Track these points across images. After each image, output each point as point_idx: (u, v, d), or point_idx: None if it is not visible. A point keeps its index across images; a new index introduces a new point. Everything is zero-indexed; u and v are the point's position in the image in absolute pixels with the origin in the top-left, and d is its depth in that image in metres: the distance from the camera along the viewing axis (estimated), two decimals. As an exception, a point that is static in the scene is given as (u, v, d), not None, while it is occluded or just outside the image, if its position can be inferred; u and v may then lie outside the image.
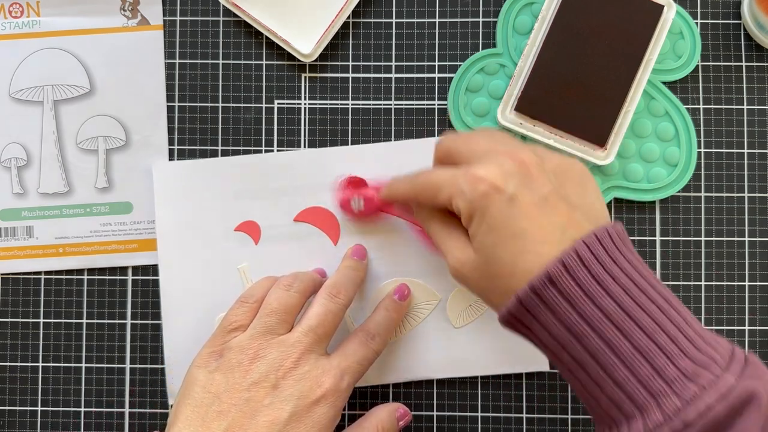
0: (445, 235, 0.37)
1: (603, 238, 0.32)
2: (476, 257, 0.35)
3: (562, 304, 0.32)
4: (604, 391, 0.32)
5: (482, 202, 0.34)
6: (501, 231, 0.33)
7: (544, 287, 0.32)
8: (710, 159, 0.47)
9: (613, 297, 0.31)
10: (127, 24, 0.48)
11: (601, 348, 0.31)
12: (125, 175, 0.48)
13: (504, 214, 0.33)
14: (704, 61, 0.47)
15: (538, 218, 0.33)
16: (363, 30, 0.48)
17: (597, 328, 0.31)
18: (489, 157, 0.35)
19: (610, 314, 0.31)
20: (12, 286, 0.48)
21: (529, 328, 0.34)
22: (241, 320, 0.41)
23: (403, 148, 0.47)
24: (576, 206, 0.34)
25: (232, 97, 0.48)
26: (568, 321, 0.32)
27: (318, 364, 0.39)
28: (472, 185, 0.34)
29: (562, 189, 0.34)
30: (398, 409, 0.43)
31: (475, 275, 0.35)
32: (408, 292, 0.45)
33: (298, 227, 0.47)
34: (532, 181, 0.34)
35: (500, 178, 0.34)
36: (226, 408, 0.37)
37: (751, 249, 0.47)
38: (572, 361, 0.32)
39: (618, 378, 0.31)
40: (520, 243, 0.33)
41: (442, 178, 0.36)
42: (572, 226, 0.33)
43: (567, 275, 0.31)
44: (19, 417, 0.47)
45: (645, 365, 0.31)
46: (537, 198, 0.33)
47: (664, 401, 0.30)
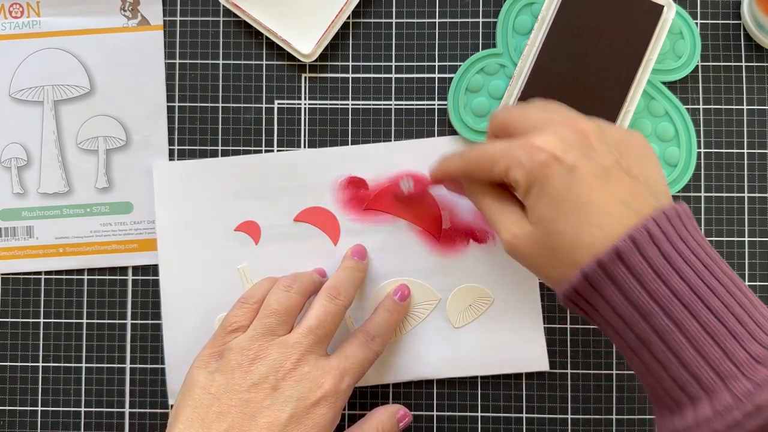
0: (498, 210, 0.36)
1: (672, 216, 0.32)
2: (534, 230, 0.34)
3: (630, 281, 0.31)
4: (669, 371, 0.31)
5: (542, 172, 0.33)
6: (562, 202, 0.32)
7: (613, 263, 0.31)
8: (710, 159, 0.47)
9: (682, 276, 0.31)
10: (127, 24, 0.48)
11: (669, 327, 0.30)
12: (125, 175, 0.48)
13: (565, 184, 0.32)
14: (704, 61, 0.47)
15: (600, 189, 0.32)
16: (363, 30, 0.48)
17: (665, 307, 0.30)
18: (547, 127, 0.34)
19: (678, 293, 0.30)
20: (12, 286, 0.48)
21: (593, 305, 0.33)
22: (241, 321, 0.41)
23: (403, 148, 0.47)
24: (638, 179, 0.33)
25: (232, 97, 0.48)
26: (635, 298, 0.31)
27: (318, 365, 0.39)
28: (531, 155, 0.33)
29: (623, 161, 0.33)
30: (399, 411, 0.43)
31: (533, 250, 0.34)
32: (408, 292, 0.45)
33: (298, 227, 0.47)
34: (593, 151, 0.33)
35: (560, 148, 0.33)
36: (226, 409, 0.37)
37: (751, 249, 0.47)
38: (636, 341, 0.32)
39: (685, 359, 0.30)
40: (583, 214, 0.32)
41: (498, 150, 0.35)
42: (635, 199, 0.32)
43: (637, 252, 0.31)
44: (19, 417, 0.47)
45: (713, 346, 0.30)
46: (598, 168, 0.32)
47: (733, 384, 0.29)
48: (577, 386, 0.46)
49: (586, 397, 0.46)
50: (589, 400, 0.46)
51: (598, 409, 0.46)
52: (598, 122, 0.35)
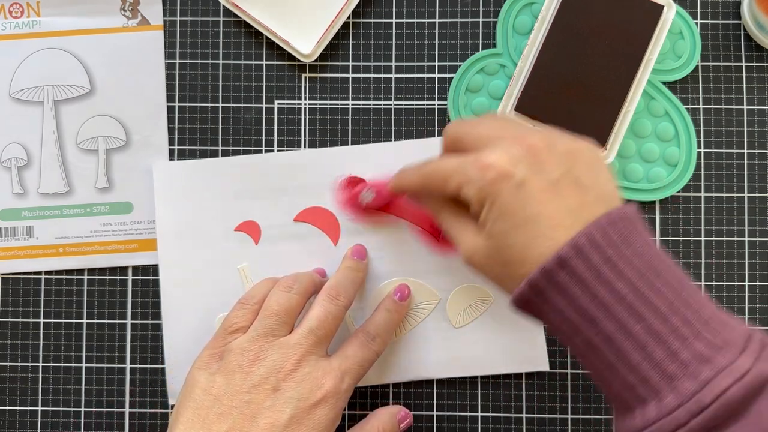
0: (455, 224, 0.37)
1: (615, 220, 0.32)
2: (488, 244, 0.34)
3: (573, 287, 0.31)
4: (618, 374, 0.31)
5: (491, 188, 0.33)
6: (512, 217, 0.33)
7: (556, 270, 0.31)
8: (710, 159, 0.47)
9: (625, 280, 0.31)
10: (128, 24, 0.48)
11: (614, 331, 0.31)
12: (125, 175, 0.48)
13: (514, 199, 0.33)
14: (704, 61, 0.47)
15: (549, 202, 0.33)
16: (363, 30, 0.48)
17: (609, 312, 0.31)
18: (497, 143, 0.34)
19: (622, 297, 0.31)
20: (12, 286, 0.48)
21: (541, 311, 0.33)
22: (242, 322, 0.41)
23: (403, 148, 0.47)
24: (588, 189, 0.33)
25: (232, 97, 0.48)
26: (580, 304, 0.31)
27: (318, 366, 0.39)
28: (481, 172, 0.34)
29: (572, 172, 0.34)
30: (399, 412, 0.43)
31: (488, 263, 0.35)
32: (408, 292, 0.45)
33: (298, 227, 0.47)
34: (542, 166, 0.33)
35: (509, 164, 0.33)
36: (227, 410, 0.37)
37: (751, 249, 0.47)
38: (585, 345, 0.32)
39: (631, 361, 0.31)
40: (532, 228, 0.32)
41: (451, 167, 0.35)
42: (584, 209, 0.33)
43: (578, 258, 0.31)
44: (19, 417, 0.47)
45: (658, 348, 0.30)
46: (547, 182, 0.33)
47: (678, 384, 0.30)
48: (577, 386, 0.46)
49: (586, 397, 0.46)
50: (589, 400, 0.46)
51: (598, 409, 0.46)
52: (547, 135, 0.35)
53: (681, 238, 0.47)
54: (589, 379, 0.46)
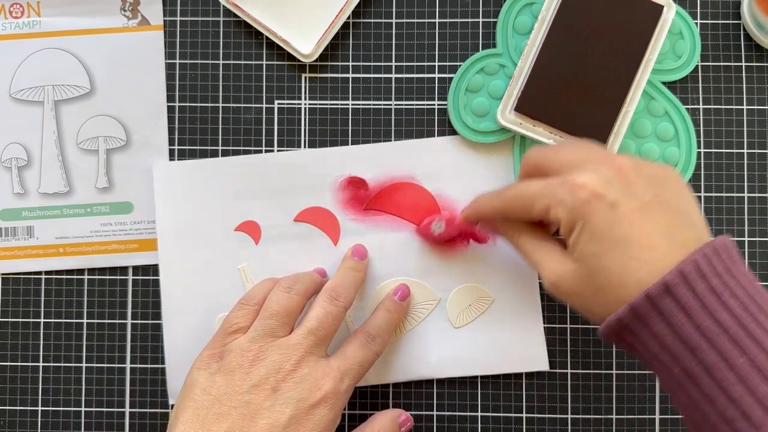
0: (537, 248, 0.37)
1: (719, 249, 0.32)
2: (577, 268, 0.34)
3: (677, 314, 0.31)
4: (716, 407, 0.30)
5: (584, 209, 0.33)
6: (605, 239, 0.33)
7: (661, 296, 0.31)
8: (710, 159, 0.47)
9: (729, 310, 0.30)
10: (128, 24, 0.48)
11: (716, 362, 0.30)
12: (125, 175, 0.48)
13: (607, 221, 0.33)
14: (704, 62, 0.47)
15: (643, 224, 0.32)
16: (363, 30, 0.48)
17: (713, 342, 0.30)
18: (585, 166, 0.34)
19: (727, 328, 0.30)
20: (12, 286, 0.48)
21: (640, 339, 0.32)
22: (242, 322, 0.41)
23: (403, 148, 0.47)
24: (677, 212, 0.33)
25: (232, 97, 0.48)
26: (682, 333, 0.31)
27: (318, 367, 0.39)
28: (573, 193, 0.33)
29: (662, 195, 0.34)
30: (401, 416, 0.43)
31: (577, 288, 0.34)
32: (408, 292, 0.45)
33: (298, 227, 0.47)
34: (633, 187, 0.33)
35: (600, 185, 0.33)
36: (227, 410, 0.37)
37: (751, 249, 0.47)
38: (683, 375, 0.31)
39: (733, 394, 0.30)
40: (627, 250, 0.32)
41: (537, 189, 0.35)
42: (678, 233, 0.32)
43: (685, 285, 0.31)
44: (20, 417, 0.47)
45: (762, 383, 0.30)
46: (639, 204, 0.33)
47: None
48: (577, 386, 0.46)
49: (586, 397, 0.46)
50: (589, 400, 0.46)
51: (598, 409, 0.46)
52: (634, 158, 0.35)
53: (681, 238, 0.47)
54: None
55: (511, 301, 0.46)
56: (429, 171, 0.46)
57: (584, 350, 0.46)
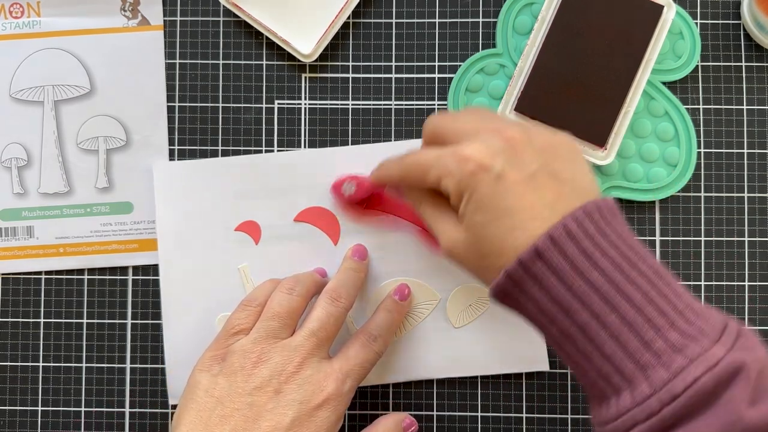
0: (436, 216, 0.37)
1: (591, 211, 0.32)
2: (467, 237, 0.35)
3: (550, 277, 0.32)
4: (593, 363, 0.32)
5: (470, 181, 0.34)
6: (490, 209, 0.33)
7: (532, 261, 0.32)
8: (710, 159, 0.47)
9: (600, 270, 0.31)
10: (128, 24, 0.48)
11: (589, 321, 0.31)
12: (125, 175, 0.48)
13: (492, 192, 0.33)
14: (704, 62, 0.47)
15: (527, 195, 0.33)
16: (363, 30, 0.48)
17: (585, 302, 0.31)
18: (476, 136, 0.35)
19: (598, 288, 0.31)
20: (12, 286, 0.48)
21: (518, 302, 0.34)
22: (244, 324, 0.41)
23: (402, 148, 0.47)
24: (565, 182, 0.34)
25: (233, 97, 0.48)
26: (556, 294, 0.32)
27: (320, 368, 0.39)
28: (460, 165, 0.34)
29: (550, 165, 0.34)
30: (405, 419, 0.43)
31: (467, 254, 0.35)
32: (408, 292, 0.45)
33: (298, 227, 0.47)
34: (520, 158, 0.34)
35: (487, 157, 0.34)
36: (229, 412, 0.37)
37: (751, 249, 0.47)
38: (561, 335, 0.33)
39: (606, 351, 0.31)
40: (510, 220, 0.33)
41: (430, 159, 0.36)
42: (561, 202, 0.33)
43: (555, 249, 0.31)
44: (20, 417, 0.47)
45: (632, 338, 0.31)
46: (525, 175, 0.33)
47: (651, 373, 0.30)
48: (577, 386, 0.46)
49: (586, 397, 0.46)
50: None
51: (598, 409, 0.46)
52: (526, 128, 0.35)
53: (681, 238, 0.47)
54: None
55: (511, 301, 0.46)
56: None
57: (584, 350, 0.46)
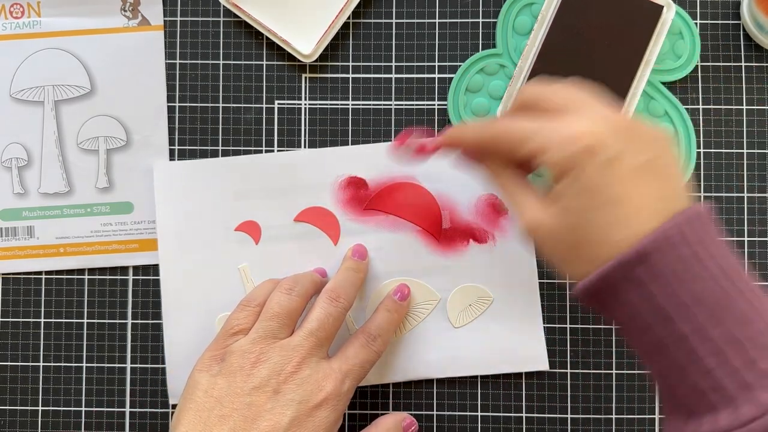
0: (521, 190, 0.34)
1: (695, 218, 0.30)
2: (559, 220, 0.32)
3: (651, 284, 0.29)
4: (688, 377, 0.29)
5: (579, 159, 0.30)
6: (596, 195, 0.30)
7: (635, 264, 0.29)
8: (710, 159, 0.47)
9: (705, 281, 0.29)
10: (128, 24, 0.48)
11: (690, 333, 0.29)
12: (126, 175, 0.48)
13: (600, 176, 0.30)
14: (704, 62, 0.47)
15: (638, 186, 0.30)
16: (363, 30, 0.48)
17: (687, 313, 0.29)
18: (585, 112, 0.32)
19: (703, 298, 0.29)
20: (12, 286, 0.48)
21: (608, 305, 0.31)
22: (243, 324, 0.41)
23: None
24: (671, 179, 0.31)
25: (233, 97, 0.48)
26: (655, 302, 0.29)
27: (319, 368, 0.39)
28: (570, 140, 0.31)
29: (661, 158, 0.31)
30: (405, 419, 0.43)
31: (556, 237, 0.32)
32: (408, 291, 0.45)
33: (298, 227, 0.47)
34: (631, 145, 0.31)
35: (599, 138, 0.30)
36: (228, 412, 0.37)
37: (751, 249, 0.47)
38: (654, 344, 0.30)
39: (705, 366, 0.29)
40: (615, 210, 0.30)
41: (531, 128, 0.32)
42: (669, 200, 0.31)
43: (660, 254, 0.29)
44: (20, 417, 0.47)
45: (736, 356, 0.28)
46: (636, 164, 0.30)
47: (756, 395, 0.28)
48: (577, 386, 0.46)
49: (586, 397, 0.46)
50: (589, 400, 0.46)
51: (598, 409, 0.46)
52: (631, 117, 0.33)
53: (681, 238, 0.47)
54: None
55: (511, 301, 0.46)
56: (429, 171, 0.46)
57: (584, 350, 0.46)
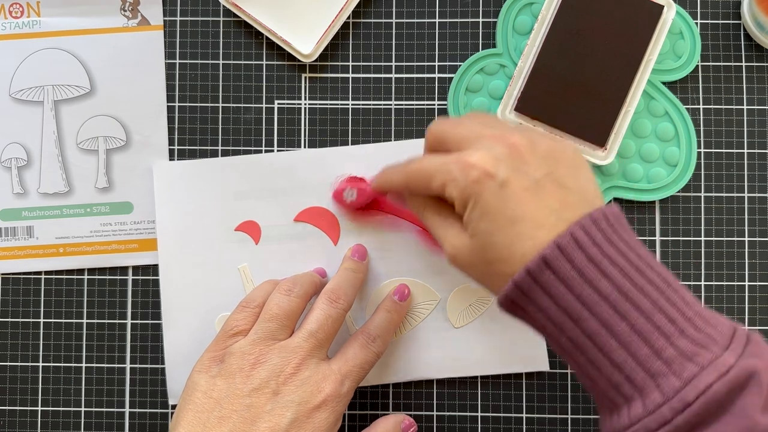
0: (439, 223, 0.37)
1: (598, 219, 0.32)
2: (472, 244, 0.35)
3: (558, 286, 0.32)
4: (603, 373, 0.32)
5: (475, 188, 0.34)
6: (495, 217, 0.33)
7: (540, 270, 0.32)
8: (710, 159, 0.47)
9: (609, 278, 0.31)
10: (128, 24, 0.48)
11: (599, 330, 0.31)
12: (125, 175, 0.48)
13: (497, 199, 0.33)
14: (704, 61, 0.47)
15: (532, 202, 0.33)
16: (363, 30, 0.48)
17: (594, 310, 0.31)
18: (479, 143, 0.35)
19: (606, 296, 0.31)
20: (12, 286, 0.48)
21: (527, 312, 0.33)
22: (242, 325, 0.41)
23: (403, 148, 0.47)
24: (570, 189, 0.34)
25: (232, 97, 0.48)
26: (564, 303, 0.32)
27: (318, 370, 0.39)
28: (464, 172, 0.34)
29: (555, 172, 0.34)
30: (404, 420, 0.43)
31: (472, 262, 0.35)
32: (408, 292, 0.45)
33: (298, 227, 0.47)
34: (524, 165, 0.34)
35: (491, 164, 0.33)
36: (227, 414, 0.37)
37: (751, 249, 0.47)
38: (570, 344, 0.32)
39: (616, 360, 0.31)
40: (516, 228, 0.33)
41: (434, 166, 0.36)
42: (567, 209, 0.33)
43: (562, 257, 0.31)
44: (19, 417, 0.47)
45: (643, 346, 0.31)
46: (529, 182, 0.33)
47: (663, 382, 0.30)
48: (577, 386, 0.46)
49: (586, 397, 0.46)
50: (589, 400, 0.46)
51: (598, 409, 0.46)
52: (529, 134, 0.35)
53: (681, 238, 0.47)
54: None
55: (511, 301, 0.46)
56: (429, 171, 0.46)
57: (584, 350, 0.46)
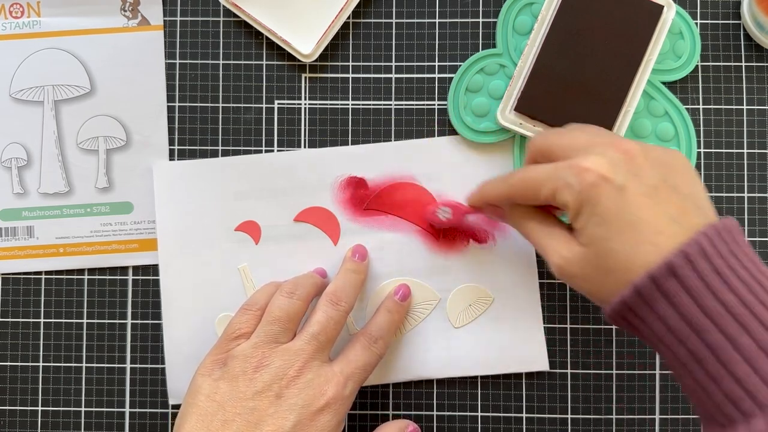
0: (546, 233, 0.37)
1: (723, 230, 0.32)
2: (585, 252, 0.34)
3: (682, 296, 0.31)
4: (721, 387, 0.31)
5: (591, 192, 0.33)
6: (613, 222, 0.32)
7: (666, 278, 0.31)
8: (710, 159, 0.47)
9: (734, 291, 0.30)
10: (128, 24, 0.48)
11: (722, 343, 0.30)
12: (126, 175, 0.48)
13: (615, 204, 0.32)
14: (704, 62, 0.47)
15: (650, 208, 0.32)
16: (363, 30, 0.48)
17: (718, 323, 0.30)
18: (591, 149, 0.34)
19: (731, 309, 0.30)
20: (12, 286, 0.48)
21: (644, 321, 0.32)
22: (245, 328, 0.41)
23: (403, 148, 0.47)
24: (687, 196, 0.33)
25: (232, 97, 0.48)
26: (688, 314, 0.31)
27: (321, 372, 0.39)
28: (579, 176, 0.33)
29: (670, 179, 0.33)
30: (408, 426, 0.43)
31: (585, 271, 0.34)
32: (408, 292, 0.45)
33: (298, 227, 0.47)
34: (640, 171, 0.33)
35: (608, 168, 0.33)
36: (231, 417, 0.37)
37: (751, 249, 0.47)
38: (689, 356, 0.31)
39: (738, 374, 0.30)
40: (635, 234, 0.32)
41: (544, 173, 0.35)
42: (685, 217, 0.32)
43: (689, 267, 0.31)
44: (20, 417, 0.47)
45: (767, 362, 0.30)
46: (647, 187, 0.33)
47: None
48: (577, 386, 0.46)
49: (586, 397, 0.46)
50: (589, 400, 0.46)
51: (598, 409, 0.46)
52: (641, 143, 0.35)
53: (681, 238, 0.47)
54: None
55: (511, 301, 0.46)
56: (429, 171, 0.46)
57: (584, 350, 0.46)
